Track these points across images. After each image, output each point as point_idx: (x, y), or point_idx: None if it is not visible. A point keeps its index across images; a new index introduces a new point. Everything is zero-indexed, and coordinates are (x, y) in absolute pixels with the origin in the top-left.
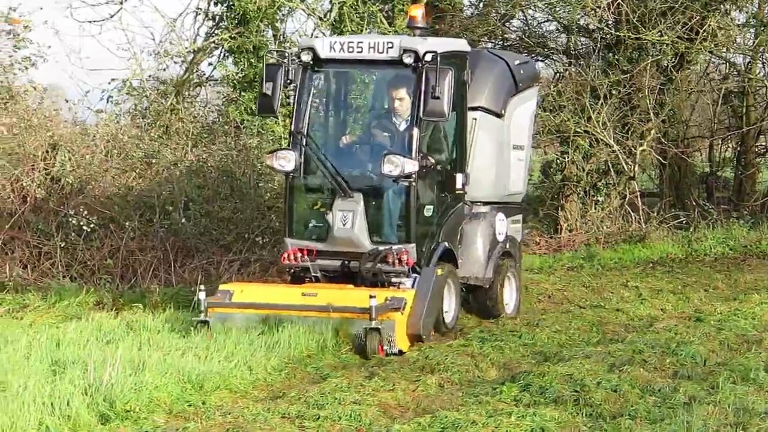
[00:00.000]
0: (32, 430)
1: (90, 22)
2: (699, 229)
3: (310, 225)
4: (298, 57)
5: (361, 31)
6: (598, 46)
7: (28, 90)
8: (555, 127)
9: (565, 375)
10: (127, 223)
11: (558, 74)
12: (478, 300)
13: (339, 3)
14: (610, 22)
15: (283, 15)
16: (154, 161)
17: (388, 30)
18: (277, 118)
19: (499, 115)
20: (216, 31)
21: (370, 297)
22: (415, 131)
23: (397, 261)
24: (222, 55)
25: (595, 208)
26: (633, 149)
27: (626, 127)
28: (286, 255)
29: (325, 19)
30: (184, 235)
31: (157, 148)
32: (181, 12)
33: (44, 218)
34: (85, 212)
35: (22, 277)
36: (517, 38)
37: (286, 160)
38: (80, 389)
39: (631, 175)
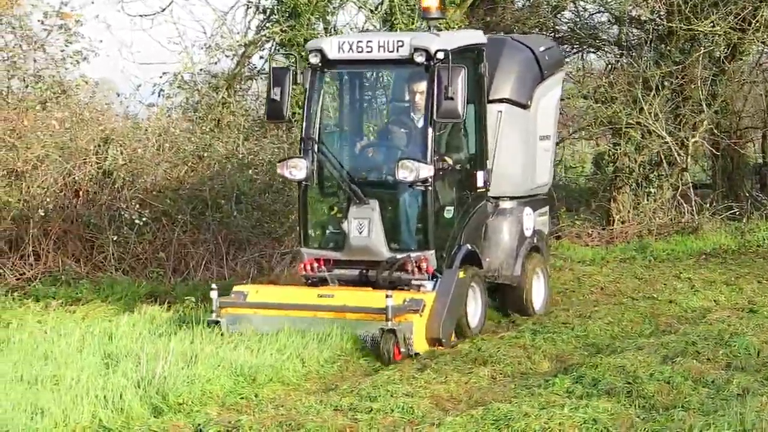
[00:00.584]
0: (85, 423)
1: (141, 16)
2: (752, 220)
3: (326, 234)
4: (306, 59)
5: (412, 23)
6: (650, 37)
7: (79, 84)
8: (607, 118)
9: (617, 367)
10: (179, 217)
11: (609, 66)
12: (507, 298)
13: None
14: (661, 13)
15: (333, 8)
16: (205, 155)
17: (439, 21)
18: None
19: (525, 106)
20: (267, 25)
21: (387, 297)
22: (430, 133)
23: (416, 269)
24: (273, 48)
25: (648, 200)
26: (685, 141)
27: (678, 119)
28: (302, 265)
29: (376, 12)
30: (236, 228)
31: (208, 141)
32: (232, 5)
33: (96, 212)
34: (137, 206)
35: (74, 271)
36: (569, 30)
37: (297, 169)
38: (133, 382)
39: (684, 166)
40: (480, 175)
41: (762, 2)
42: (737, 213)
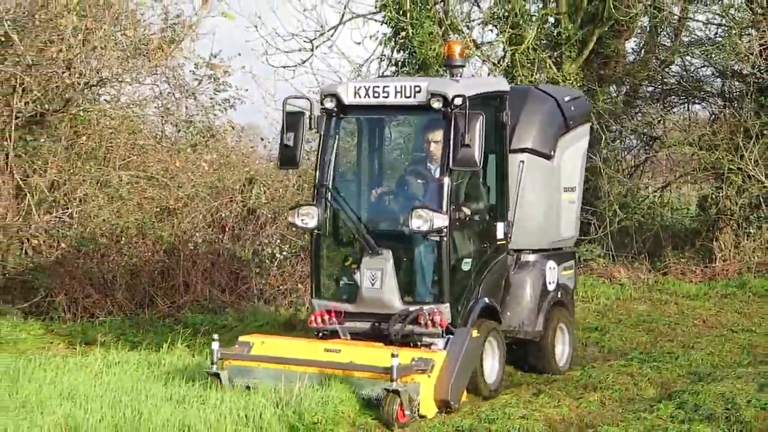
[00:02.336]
0: None
1: (284, 67)
2: None
3: (338, 285)
4: (321, 104)
5: (532, 75)
6: (751, 89)
7: (227, 129)
8: (710, 164)
9: (717, 394)
10: None
11: (713, 115)
12: (528, 354)
13: (511, 50)
14: (762, 68)
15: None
16: None
17: (557, 75)
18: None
19: (548, 157)
20: (399, 76)
21: (392, 356)
22: (446, 181)
23: (429, 323)
24: None
25: (747, 240)
26: None
27: None
28: (313, 318)
29: (499, 65)
30: None
31: None
32: (367, 58)
33: (241, 246)
34: (278, 241)
35: (220, 299)
36: (676, 82)
37: (309, 217)
38: (272, 402)
39: None
40: (500, 227)
41: None
42: None
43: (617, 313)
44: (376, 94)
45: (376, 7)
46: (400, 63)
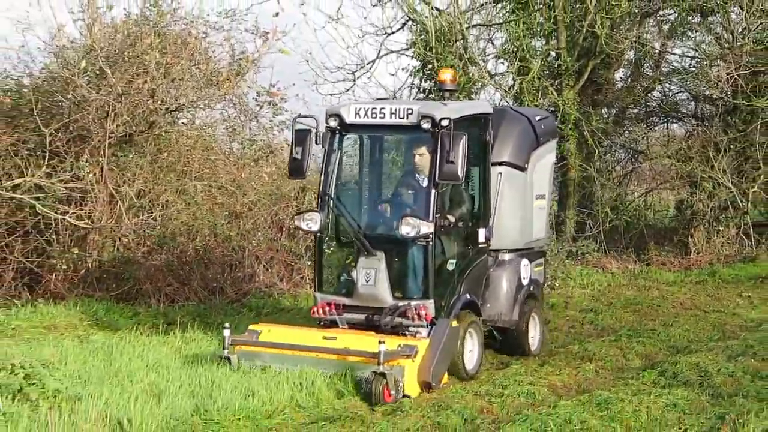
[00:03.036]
0: (285, 403)
1: (330, 95)
2: None
3: (338, 281)
4: (326, 123)
5: (537, 100)
6: (720, 111)
7: (283, 146)
8: (686, 173)
9: (692, 364)
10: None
11: (688, 133)
12: (506, 340)
13: (520, 80)
14: (728, 93)
15: (477, 88)
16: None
17: (558, 100)
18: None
19: (522, 169)
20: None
21: (380, 343)
22: (432, 193)
23: (416, 316)
24: None
25: (717, 236)
26: (746, 190)
27: (741, 173)
28: (315, 309)
29: (509, 92)
30: None
31: None
32: (399, 87)
33: (295, 243)
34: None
35: (279, 287)
36: (656, 105)
37: (313, 222)
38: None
39: (745, 210)
40: (482, 232)
41: None
42: None
43: (609, 297)
44: (373, 115)
45: (407, 45)
46: (426, 91)
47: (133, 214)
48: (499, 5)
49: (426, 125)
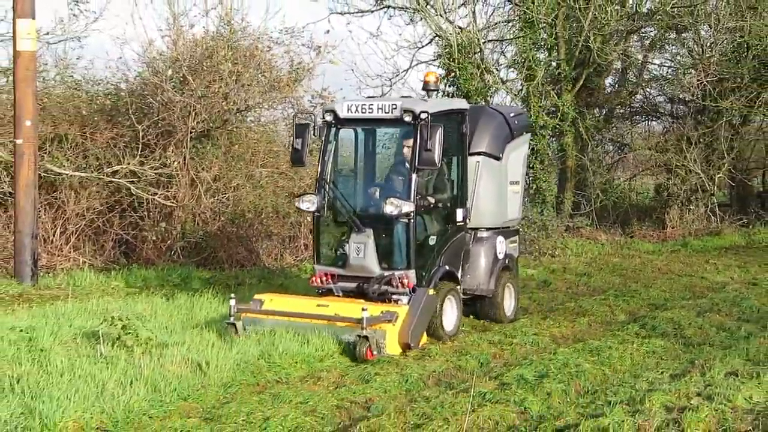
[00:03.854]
0: (334, 349)
1: (371, 97)
2: (755, 226)
3: (334, 254)
4: (323, 117)
5: (540, 102)
6: (691, 110)
7: None
8: (663, 162)
9: (668, 318)
10: None
11: (665, 129)
12: (484, 307)
13: (526, 85)
14: (698, 96)
15: (492, 92)
16: None
17: (558, 102)
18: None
19: (498, 158)
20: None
21: (362, 309)
22: (413, 177)
23: (399, 284)
24: None
25: (688, 213)
26: (713, 176)
27: (709, 162)
28: (314, 278)
29: (518, 95)
30: None
31: None
32: (424, 94)
33: None
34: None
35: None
36: (639, 106)
37: (310, 203)
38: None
39: (712, 192)
40: (460, 212)
41: (763, 89)
42: (745, 222)
43: (599, 263)
44: (363, 110)
45: (434, 56)
46: (450, 94)
47: (210, 195)
48: (510, 24)
49: (407, 118)
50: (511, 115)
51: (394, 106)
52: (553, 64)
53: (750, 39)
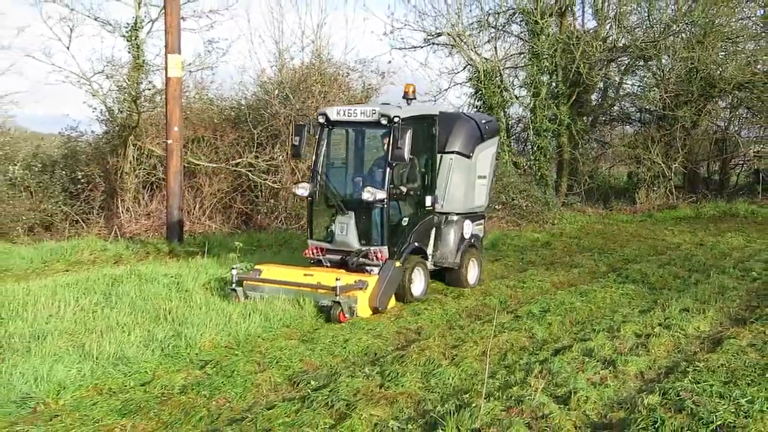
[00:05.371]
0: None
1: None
2: (701, 202)
3: (324, 231)
4: (317, 119)
5: (545, 112)
6: (654, 118)
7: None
8: (634, 156)
9: (637, 270)
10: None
11: (635, 131)
12: (451, 275)
13: (533, 100)
14: (660, 107)
15: (508, 105)
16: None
17: (557, 112)
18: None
19: (468, 156)
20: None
21: (336, 279)
22: (387, 170)
23: (374, 257)
24: None
25: (652, 193)
26: (670, 166)
27: (667, 155)
28: (307, 251)
29: (527, 107)
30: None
31: None
32: (461, 104)
33: None
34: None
35: None
36: (616, 114)
37: (304, 189)
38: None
39: (670, 177)
40: (428, 199)
41: (707, 103)
42: (694, 199)
43: (587, 230)
44: (349, 114)
45: (466, 79)
46: (478, 107)
47: (306, 181)
48: (522, 55)
49: (383, 121)
50: (483, 121)
51: (373, 111)
52: (553, 84)
53: (698, 65)
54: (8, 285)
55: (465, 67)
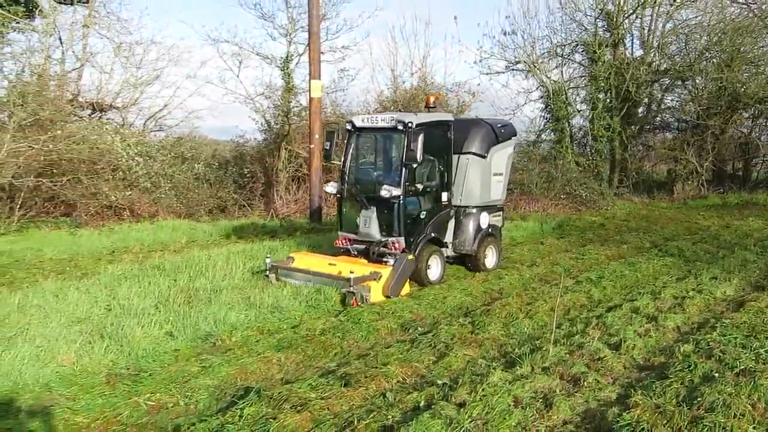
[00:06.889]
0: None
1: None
2: (728, 194)
3: (352, 224)
4: (345, 126)
5: (601, 122)
6: (689, 126)
7: None
8: (672, 156)
9: (675, 246)
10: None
11: (674, 136)
12: (470, 262)
13: (592, 113)
14: (694, 117)
15: (571, 117)
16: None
17: (610, 122)
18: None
19: (484, 157)
20: (544, 127)
21: (350, 272)
22: (403, 170)
23: (393, 248)
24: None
25: (687, 186)
26: (702, 164)
27: (700, 156)
28: (337, 241)
29: (586, 118)
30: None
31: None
32: (534, 117)
33: None
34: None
35: None
36: (658, 124)
37: (333, 187)
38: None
39: (702, 173)
40: (444, 195)
41: (733, 114)
42: (722, 191)
43: (634, 215)
44: (372, 122)
45: (538, 97)
46: (546, 119)
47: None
48: (582, 77)
49: (400, 127)
50: (499, 125)
51: (392, 119)
52: (608, 100)
53: (726, 84)
54: (195, 252)
55: (537, 88)
